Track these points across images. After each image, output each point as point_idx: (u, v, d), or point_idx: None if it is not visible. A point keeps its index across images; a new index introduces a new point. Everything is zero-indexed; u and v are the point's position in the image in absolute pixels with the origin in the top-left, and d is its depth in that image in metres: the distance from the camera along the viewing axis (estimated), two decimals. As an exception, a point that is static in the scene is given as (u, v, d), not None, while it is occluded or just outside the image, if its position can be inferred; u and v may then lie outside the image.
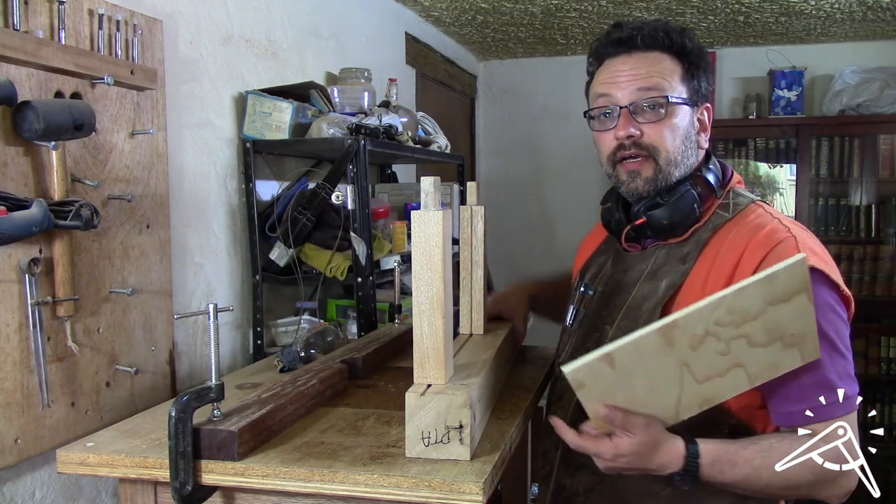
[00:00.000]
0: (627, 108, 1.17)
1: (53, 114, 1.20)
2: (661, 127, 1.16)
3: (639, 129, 1.17)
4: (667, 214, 1.17)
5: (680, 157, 1.18)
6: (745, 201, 1.19)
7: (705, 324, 0.96)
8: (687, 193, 1.16)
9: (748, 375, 1.01)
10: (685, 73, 1.19)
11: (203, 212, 1.76)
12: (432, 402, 0.99)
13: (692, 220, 1.18)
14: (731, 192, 1.21)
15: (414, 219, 1.01)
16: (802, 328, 0.98)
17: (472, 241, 1.39)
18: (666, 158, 1.17)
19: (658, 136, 1.16)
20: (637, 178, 1.19)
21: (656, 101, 1.16)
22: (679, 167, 1.18)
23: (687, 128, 1.18)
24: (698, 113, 1.21)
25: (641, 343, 0.96)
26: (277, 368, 1.53)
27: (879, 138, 3.66)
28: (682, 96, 1.18)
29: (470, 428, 0.99)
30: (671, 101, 1.16)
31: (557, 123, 4.21)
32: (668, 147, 1.17)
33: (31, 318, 1.22)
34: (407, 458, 1.00)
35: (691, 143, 1.20)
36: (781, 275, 0.94)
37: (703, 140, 1.22)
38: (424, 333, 1.02)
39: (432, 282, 1.01)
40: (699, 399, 1.03)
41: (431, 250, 1.00)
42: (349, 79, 2.22)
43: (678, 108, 1.17)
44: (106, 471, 1.06)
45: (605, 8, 3.11)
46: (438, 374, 1.03)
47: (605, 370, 0.98)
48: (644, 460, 1.02)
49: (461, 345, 1.31)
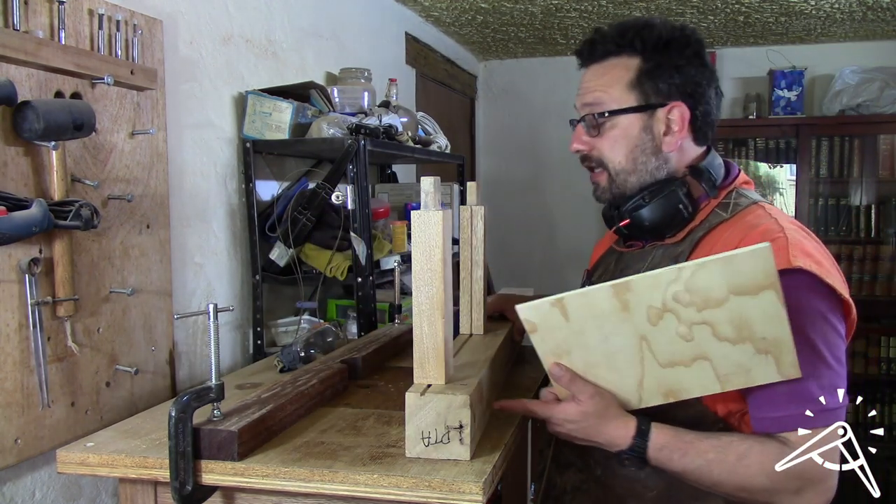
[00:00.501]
0: (579, 123, 1.21)
1: (53, 114, 1.20)
2: (602, 141, 1.18)
3: (587, 143, 1.20)
4: (649, 215, 1.16)
5: (630, 166, 1.17)
6: (746, 202, 1.16)
7: (662, 295, 0.94)
8: (671, 194, 1.15)
9: (717, 375, 0.99)
10: (638, 77, 1.15)
11: (203, 212, 1.76)
12: (432, 402, 0.99)
13: (680, 221, 1.16)
14: (733, 193, 1.18)
15: (414, 219, 1.01)
16: (776, 335, 0.95)
17: (472, 241, 1.39)
18: (615, 169, 1.18)
19: (602, 150, 1.19)
20: (597, 188, 1.23)
21: (593, 117, 1.17)
22: (634, 174, 1.17)
23: (636, 137, 1.16)
24: (662, 115, 1.16)
25: (593, 297, 0.96)
26: (277, 368, 1.53)
27: (879, 138, 3.66)
28: (626, 104, 1.16)
29: (470, 428, 0.99)
30: (606, 114, 1.16)
31: (557, 123, 4.21)
32: (613, 159, 1.18)
33: (31, 318, 1.22)
34: (407, 458, 1.00)
35: (646, 150, 1.17)
36: (743, 260, 0.91)
37: (667, 143, 1.16)
38: (424, 333, 1.02)
39: (432, 281, 1.01)
40: (663, 387, 1.02)
41: (431, 250, 1.00)
42: (349, 79, 2.23)
43: (622, 119, 1.16)
44: (106, 471, 1.06)
45: (605, 8, 3.11)
46: (438, 374, 1.03)
47: (558, 318, 0.99)
48: (590, 430, 1.04)
49: (461, 345, 1.31)
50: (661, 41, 1.15)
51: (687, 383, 1.01)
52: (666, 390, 1.03)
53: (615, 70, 1.17)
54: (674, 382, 1.01)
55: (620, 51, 1.17)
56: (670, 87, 1.15)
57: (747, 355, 0.97)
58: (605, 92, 1.17)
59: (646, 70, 1.15)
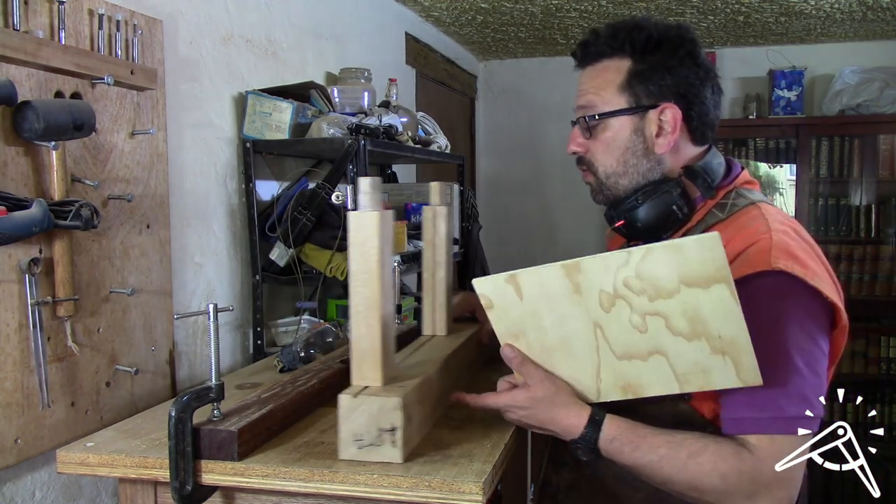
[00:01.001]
0: (575, 125, 1.21)
1: (53, 114, 1.20)
2: (596, 143, 1.18)
3: (583, 145, 1.20)
4: (643, 216, 1.16)
5: (621, 169, 1.17)
6: (743, 202, 1.14)
7: (613, 280, 0.94)
8: (664, 195, 1.14)
9: (675, 373, 0.98)
10: (629, 79, 1.15)
11: (203, 212, 1.76)
12: (364, 404, 0.99)
13: (675, 221, 1.15)
14: (732, 193, 1.17)
15: (350, 220, 1.00)
16: (732, 335, 0.94)
17: (434, 242, 1.38)
18: (604, 172, 1.19)
19: (595, 154, 1.19)
20: (591, 190, 1.24)
21: (585, 120, 1.18)
22: (625, 176, 1.17)
23: (626, 139, 1.16)
24: (654, 116, 1.15)
25: (545, 275, 0.97)
26: (277, 368, 1.53)
27: (879, 138, 3.66)
28: (617, 107, 1.15)
29: (403, 430, 0.98)
30: (599, 117, 1.16)
31: (557, 123, 4.21)
32: (603, 162, 1.18)
33: (31, 318, 1.22)
34: (407, 458, 1.00)
35: (637, 152, 1.16)
36: (691, 248, 0.90)
37: (660, 144, 1.15)
38: (362, 335, 1.02)
39: (369, 283, 1.01)
40: (621, 380, 1.01)
41: (368, 251, 1.00)
42: (349, 79, 2.22)
43: (610, 122, 1.16)
44: (106, 471, 1.06)
45: (605, 8, 3.11)
46: (375, 375, 1.03)
47: (512, 296, 1.00)
48: (541, 416, 1.05)
49: (420, 345, 1.31)
50: (651, 42, 1.14)
51: (645, 379, 1.00)
52: (624, 384, 1.02)
53: (607, 72, 1.17)
54: (632, 377, 1.01)
55: (612, 52, 1.16)
56: (661, 88, 1.14)
57: (703, 354, 0.96)
58: (598, 94, 1.17)
59: (636, 72, 1.15)
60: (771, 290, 1.00)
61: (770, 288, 1.00)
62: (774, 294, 1.00)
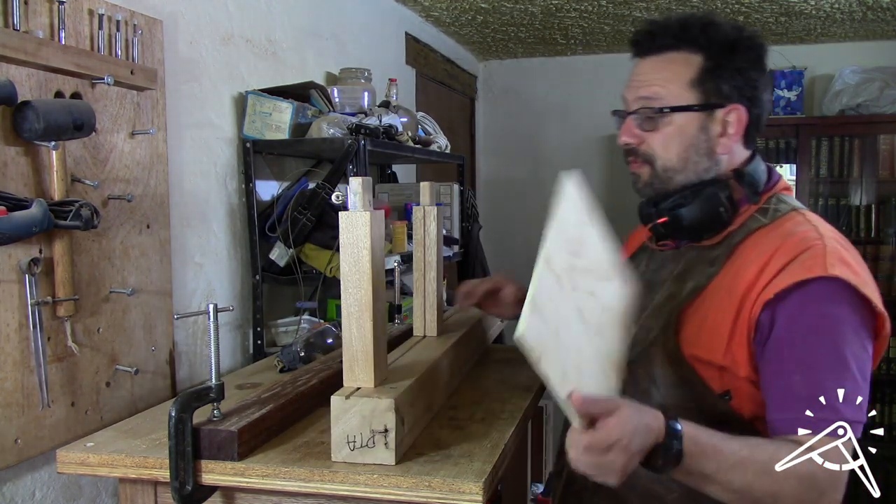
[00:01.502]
0: (631, 115, 1.17)
1: (53, 114, 1.20)
2: (655, 136, 1.15)
3: (638, 137, 1.17)
4: (689, 215, 1.14)
5: (680, 165, 1.15)
6: (785, 208, 1.15)
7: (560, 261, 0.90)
8: (713, 196, 1.13)
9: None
10: (700, 76, 1.13)
11: (203, 212, 1.76)
12: (357, 405, 0.98)
13: (719, 224, 1.14)
14: (773, 198, 1.17)
15: (342, 220, 1.00)
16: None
17: (424, 242, 1.38)
18: (662, 166, 1.16)
19: (653, 146, 1.16)
20: (638, 180, 1.20)
21: (649, 112, 1.15)
22: (682, 173, 1.15)
23: (691, 136, 1.14)
24: (720, 116, 1.14)
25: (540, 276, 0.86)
26: (277, 368, 1.53)
27: (879, 138, 3.66)
28: (685, 103, 1.13)
29: (396, 432, 0.98)
30: (665, 110, 1.13)
31: (557, 123, 4.21)
32: (663, 156, 1.16)
33: (31, 318, 1.22)
34: (407, 458, 1.00)
35: (699, 151, 1.15)
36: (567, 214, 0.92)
37: (722, 144, 1.15)
38: (353, 336, 1.02)
39: (361, 283, 1.00)
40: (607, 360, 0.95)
41: (359, 252, 1.00)
42: (349, 79, 2.22)
43: (677, 117, 1.14)
44: (106, 471, 1.06)
45: (605, 8, 3.11)
46: (367, 377, 1.03)
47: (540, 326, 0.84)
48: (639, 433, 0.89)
49: (410, 346, 1.30)
50: (727, 41, 1.13)
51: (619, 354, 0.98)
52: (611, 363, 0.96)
53: (675, 65, 1.14)
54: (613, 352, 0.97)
55: (680, 45, 1.14)
56: (732, 88, 1.13)
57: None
58: (664, 87, 1.14)
59: (708, 69, 1.13)
60: (827, 296, 1.01)
61: (826, 293, 1.01)
62: (830, 299, 1.00)
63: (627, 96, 1.19)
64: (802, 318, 1.01)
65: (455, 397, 1.32)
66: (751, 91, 1.14)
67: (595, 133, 4.09)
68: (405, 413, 1.02)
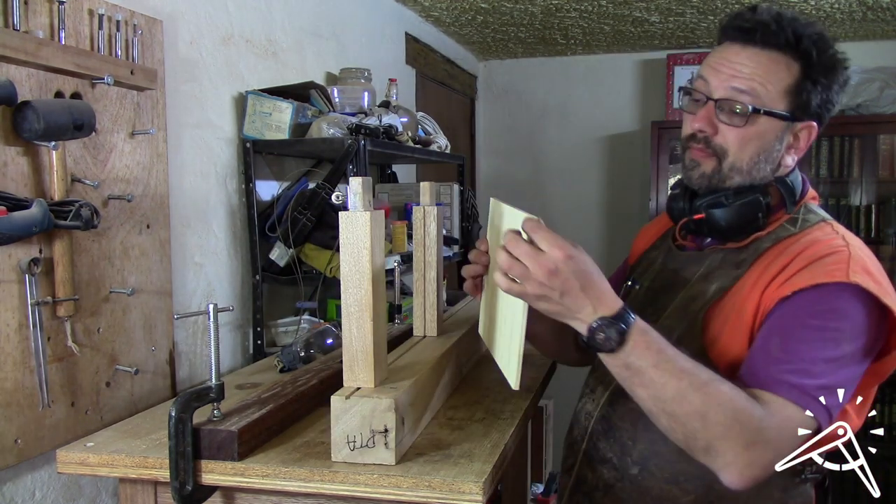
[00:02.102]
0: (715, 101, 1.12)
1: (53, 114, 1.20)
2: (736, 133, 1.11)
3: (715, 127, 1.12)
4: (727, 216, 1.13)
5: (747, 168, 1.13)
6: (814, 219, 1.15)
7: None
8: (754, 201, 1.12)
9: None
10: (797, 85, 1.10)
11: (203, 212, 1.76)
12: (357, 405, 0.98)
13: (753, 228, 1.13)
14: (802, 208, 1.17)
15: (342, 219, 1.00)
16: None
17: (424, 242, 1.37)
18: (730, 164, 1.13)
19: (730, 141, 1.12)
20: (696, 169, 1.16)
21: (741, 108, 1.09)
22: (743, 175, 1.13)
23: (769, 143, 1.12)
24: (796, 130, 1.13)
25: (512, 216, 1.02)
26: (277, 368, 1.53)
27: (879, 138, 3.66)
28: (777, 109, 1.10)
29: (396, 432, 0.98)
30: (758, 111, 1.09)
31: (557, 123, 4.21)
32: (736, 155, 1.12)
33: (31, 318, 1.22)
34: (407, 458, 1.00)
35: (769, 159, 1.13)
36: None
37: (788, 159, 1.14)
38: (353, 336, 1.02)
39: (361, 283, 1.00)
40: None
41: (360, 252, 1.00)
42: (349, 79, 2.22)
43: (765, 121, 1.10)
44: (106, 471, 1.06)
45: (605, 8, 3.11)
46: (367, 377, 1.02)
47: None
48: (586, 273, 0.91)
49: (410, 346, 1.30)
50: (832, 60, 1.11)
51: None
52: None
53: (777, 66, 1.10)
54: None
55: (787, 49, 1.09)
56: (816, 106, 1.12)
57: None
58: (763, 86, 1.09)
59: (806, 81, 1.10)
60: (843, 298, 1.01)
61: (843, 296, 1.01)
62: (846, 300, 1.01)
63: (712, 79, 1.12)
64: (808, 306, 1.00)
65: (455, 397, 1.32)
66: (826, 111, 1.14)
67: (595, 133, 4.10)
68: (405, 413, 1.02)
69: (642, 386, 0.95)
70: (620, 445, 1.16)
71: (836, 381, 0.99)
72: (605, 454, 1.19)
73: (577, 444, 1.27)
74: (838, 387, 0.97)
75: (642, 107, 4.04)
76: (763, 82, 1.09)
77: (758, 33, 1.09)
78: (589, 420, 1.23)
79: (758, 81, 1.09)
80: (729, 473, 0.94)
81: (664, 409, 0.95)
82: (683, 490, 1.10)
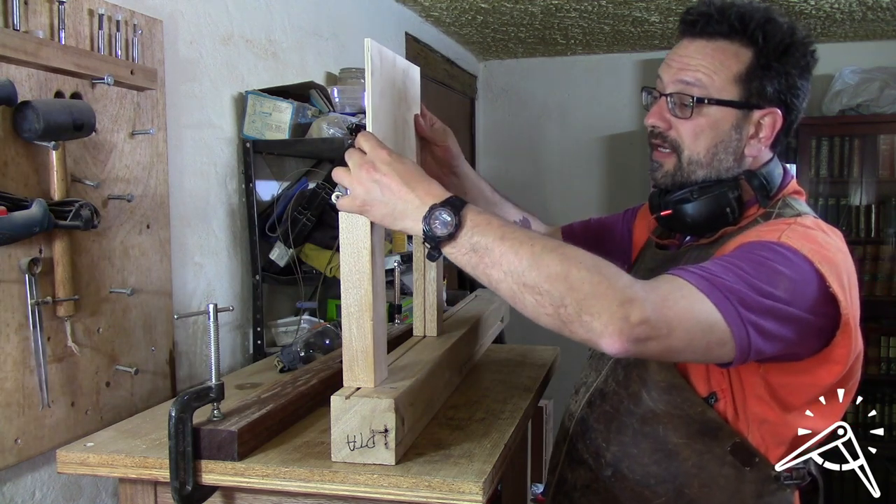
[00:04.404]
0: (666, 97, 1.12)
1: (53, 114, 1.20)
2: (686, 125, 1.10)
3: (668, 121, 1.12)
4: (692, 211, 1.12)
5: (706, 160, 1.11)
6: (789, 213, 1.10)
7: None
8: (720, 194, 1.10)
9: None
10: (748, 72, 1.08)
11: (203, 212, 1.76)
12: (357, 405, 0.98)
13: (722, 223, 1.12)
14: (780, 202, 1.13)
15: (342, 220, 1.00)
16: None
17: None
18: (688, 157, 1.12)
19: (683, 134, 1.11)
20: (658, 170, 1.16)
21: (686, 98, 1.09)
22: (705, 168, 1.12)
23: (724, 133, 1.10)
24: (756, 118, 1.10)
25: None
26: (277, 368, 1.53)
27: (879, 138, 3.66)
28: (727, 97, 1.08)
29: (396, 432, 0.98)
30: (702, 100, 1.08)
31: (557, 123, 4.21)
32: (691, 147, 1.11)
33: (31, 318, 1.22)
34: (407, 458, 1.00)
35: (728, 149, 1.11)
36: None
37: (752, 146, 1.11)
38: (353, 336, 1.02)
39: (361, 283, 1.00)
40: None
41: (360, 252, 1.00)
42: (349, 79, 2.22)
43: (716, 110, 1.09)
44: (106, 471, 1.06)
45: (605, 8, 3.11)
46: (367, 377, 1.02)
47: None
48: (406, 175, 0.92)
49: (410, 346, 1.30)
50: (782, 43, 1.08)
51: None
52: None
53: (724, 55, 1.08)
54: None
55: (734, 36, 1.08)
56: (775, 91, 1.09)
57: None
58: (709, 76, 1.08)
59: (757, 67, 1.08)
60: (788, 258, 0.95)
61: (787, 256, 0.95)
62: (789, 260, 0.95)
63: (664, 76, 1.13)
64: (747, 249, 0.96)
65: (455, 397, 1.32)
66: (791, 97, 1.10)
67: (595, 133, 4.10)
68: (405, 413, 1.02)
69: (494, 265, 0.88)
70: (595, 447, 1.17)
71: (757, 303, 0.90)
72: (582, 455, 1.20)
73: (560, 444, 1.28)
74: (759, 312, 0.90)
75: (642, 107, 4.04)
76: (709, 72, 1.08)
77: (699, 24, 1.09)
78: (570, 421, 1.25)
79: (703, 72, 1.08)
80: (609, 336, 0.83)
81: (524, 282, 0.87)
82: (654, 493, 1.10)
